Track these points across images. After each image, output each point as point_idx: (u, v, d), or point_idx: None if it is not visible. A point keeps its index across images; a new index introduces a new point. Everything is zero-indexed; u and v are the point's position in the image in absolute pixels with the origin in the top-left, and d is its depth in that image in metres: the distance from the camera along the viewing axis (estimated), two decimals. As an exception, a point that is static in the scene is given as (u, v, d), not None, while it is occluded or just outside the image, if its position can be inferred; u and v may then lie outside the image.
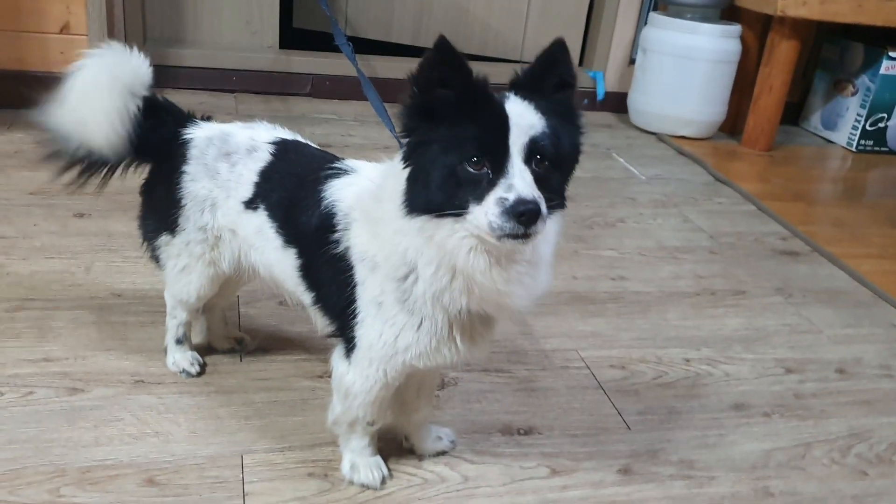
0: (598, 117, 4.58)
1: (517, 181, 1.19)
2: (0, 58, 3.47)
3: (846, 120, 4.55)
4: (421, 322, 1.38)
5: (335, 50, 2.16)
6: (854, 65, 4.50)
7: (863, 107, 4.43)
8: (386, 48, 4.55)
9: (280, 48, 4.39)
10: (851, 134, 4.51)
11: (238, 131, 1.69)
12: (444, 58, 1.22)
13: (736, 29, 4.18)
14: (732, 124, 4.46)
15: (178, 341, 1.88)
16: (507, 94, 1.29)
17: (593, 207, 3.25)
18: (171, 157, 1.69)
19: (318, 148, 1.70)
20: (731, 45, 4.17)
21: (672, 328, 2.38)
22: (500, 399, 1.95)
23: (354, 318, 1.45)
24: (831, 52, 4.65)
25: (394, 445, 1.72)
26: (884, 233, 3.34)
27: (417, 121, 1.27)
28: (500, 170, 1.21)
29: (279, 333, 2.11)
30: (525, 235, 1.20)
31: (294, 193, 1.55)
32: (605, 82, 4.63)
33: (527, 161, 1.23)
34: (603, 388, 2.04)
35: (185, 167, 1.66)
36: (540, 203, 1.19)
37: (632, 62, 4.57)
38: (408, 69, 1.24)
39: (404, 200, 1.29)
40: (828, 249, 3.04)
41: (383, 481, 1.61)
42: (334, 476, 1.62)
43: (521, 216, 1.17)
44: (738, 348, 2.31)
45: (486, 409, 1.90)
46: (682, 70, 4.17)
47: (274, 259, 1.60)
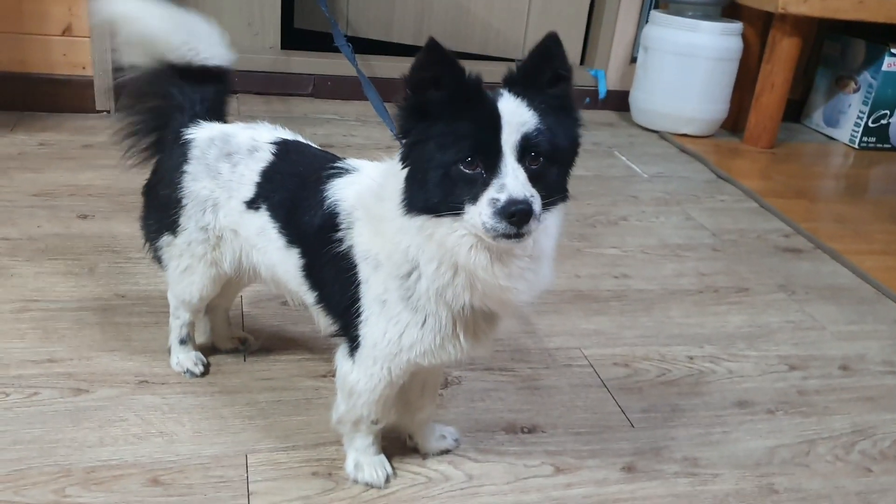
0: (599, 116, 4.57)
1: (509, 180, 1.20)
2: (2, 59, 3.48)
3: (848, 117, 4.54)
4: (425, 319, 1.38)
5: (336, 50, 2.17)
6: (856, 61, 4.49)
7: (865, 103, 4.42)
8: (387, 48, 4.55)
9: (281, 49, 4.38)
10: (854, 131, 4.50)
11: (239, 132, 1.69)
12: (435, 58, 1.22)
13: (737, 26, 4.18)
14: (734, 122, 4.46)
15: (182, 341, 1.89)
16: (500, 91, 1.28)
17: (596, 206, 3.25)
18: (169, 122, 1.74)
19: (319, 148, 1.70)
20: (733, 43, 4.17)
21: (675, 326, 2.38)
22: (503, 397, 1.95)
23: (358, 316, 1.45)
24: (833, 48, 4.64)
25: (398, 444, 1.72)
26: (887, 229, 3.34)
27: (412, 122, 1.27)
28: (493, 169, 1.21)
29: (282, 333, 2.11)
30: (518, 235, 1.20)
31: (296, 193, 1.55)
32: (606, 81, 4.63)
33: (520, 158, 1.22)
34: (606, 386, 2.04)
35: (186, 167, 1.67)
36: (532, 202, 1.19)
37: (633, 60, 4.57)
38: (407, 69, 1.25)
39: (403, 200, 1.29)
40: (830, 246, 3.04)
41: (387, 480, 1.61)
42: (338, 475, 1.62)
43: (511, 216, 1.18)
44: (741, 345, 2.31)
45: (489, 407, 1.91)
46: (683, 68, 4.17)
47: (276, 259, 1.60)
